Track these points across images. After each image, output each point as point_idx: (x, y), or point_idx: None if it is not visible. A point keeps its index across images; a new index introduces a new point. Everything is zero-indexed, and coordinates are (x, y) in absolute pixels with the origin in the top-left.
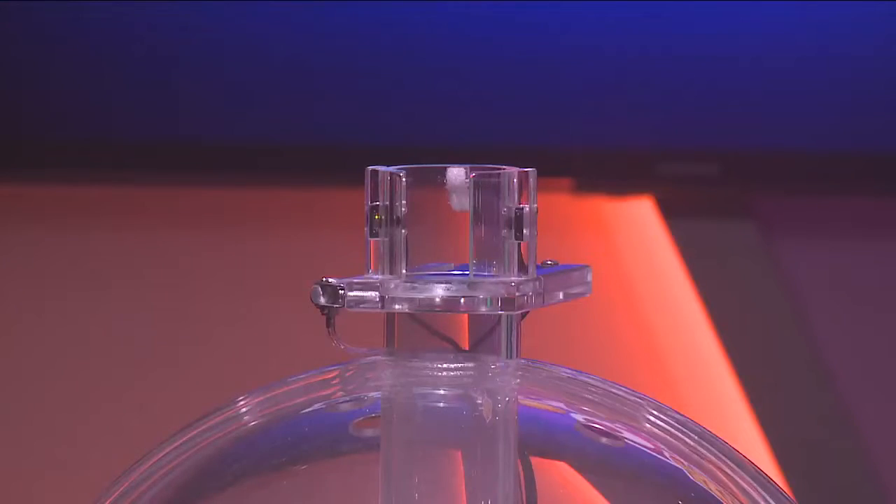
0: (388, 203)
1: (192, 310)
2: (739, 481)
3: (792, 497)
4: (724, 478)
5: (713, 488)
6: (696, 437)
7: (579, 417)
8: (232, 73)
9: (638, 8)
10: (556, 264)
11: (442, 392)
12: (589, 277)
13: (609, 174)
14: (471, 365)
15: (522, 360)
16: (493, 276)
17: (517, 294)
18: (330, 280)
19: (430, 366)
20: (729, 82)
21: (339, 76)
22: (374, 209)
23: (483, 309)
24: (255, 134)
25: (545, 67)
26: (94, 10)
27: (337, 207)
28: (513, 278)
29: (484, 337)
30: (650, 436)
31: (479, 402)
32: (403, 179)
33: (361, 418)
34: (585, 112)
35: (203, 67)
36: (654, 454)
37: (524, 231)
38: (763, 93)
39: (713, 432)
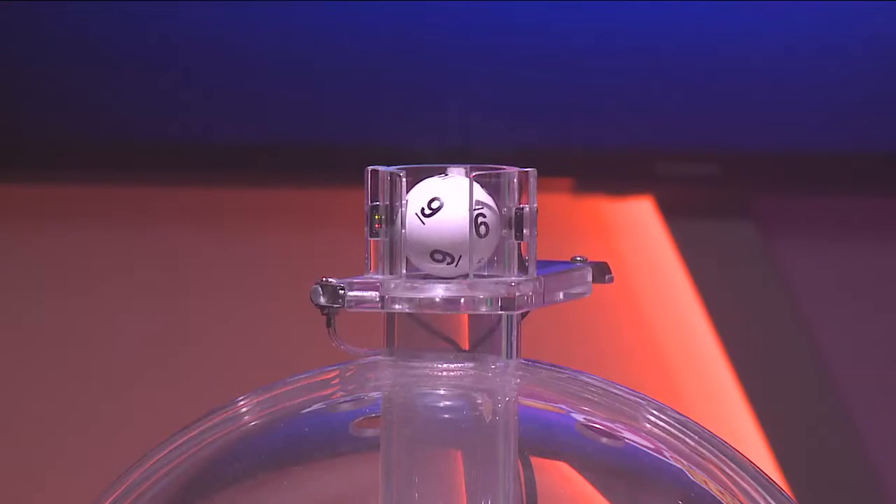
0: (388, 203)
1: (192, 309)
2: (739, 481)
3: (792, 497)
4: (724, 478)
5: (713, 488)
6: (696, 437)
7: (579, 417)
8: (232, 73)
9: (638, 8)
10: (586, 261)
11: (442, 392)
12: (589, 277)
13: (609, 174)
14: (471, 365)
15: (522, 360)
16: (493, 275)
17: (517, 294)
18: (330, 280)
19: (430, 366)
20: (729, 82)
21: (340, 76)
22: (374, 209)
23: (483, 309)
24: (256, 134)
25: (545, 68)
26: (95, 10)
27: (337, 207)
28: (513, 278)
29: (484, 337)
30: (650, 436)
31: (479, 402)
32: (403, 179)
33: (361, 418)
34: (585, 112)
35: (203, 67)
36: (654, 454)
37: (524, 231)
38: (763, 93)
39: (713, 432)
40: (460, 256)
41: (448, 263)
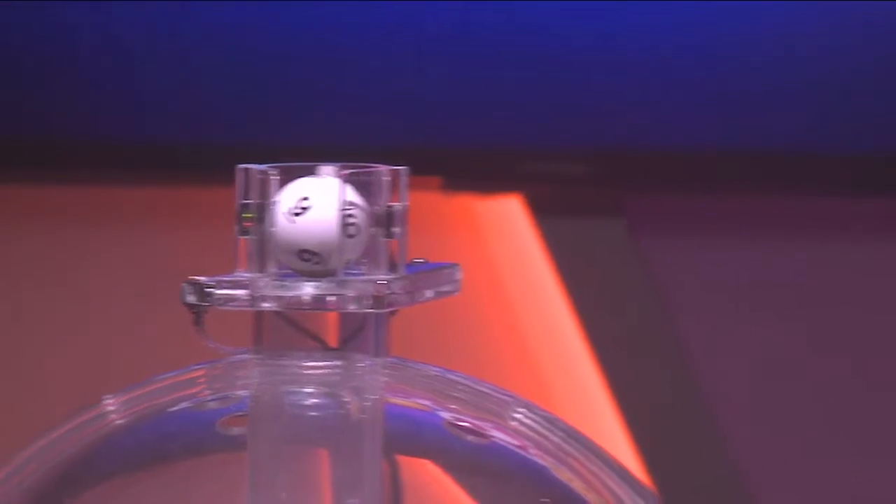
0: (258, 201)
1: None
2: (604, 478)
3: (655, 493)
4: (588, 475)
5: (578, 485)
6: (562, 435)
7: (446, 415)
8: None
9: (500, 8)
10: (426, 262)
11: (309, 390)
12: (458, 276)
13: (477, 173)
14: (339, 363)
15: (390, 359)
16: (362, 274)
17: (386, 292)
18: (199, 279)
19: (297, 364)
20: (597, 80)
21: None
22: (245, 207)
23: (352, 307)
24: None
25: (415, 69)
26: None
27: None
28: (382, 276)
29: (352, 335)
30: (516, 433)
31: (346, 400)
32: (273, 178)
33: (228, 416)
34: (454, 111)
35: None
36: (520, 451)
37: (394, 229)
38: (633, 91)
39: (579, 430)
40: (329, 255)
41: (316, 263)
